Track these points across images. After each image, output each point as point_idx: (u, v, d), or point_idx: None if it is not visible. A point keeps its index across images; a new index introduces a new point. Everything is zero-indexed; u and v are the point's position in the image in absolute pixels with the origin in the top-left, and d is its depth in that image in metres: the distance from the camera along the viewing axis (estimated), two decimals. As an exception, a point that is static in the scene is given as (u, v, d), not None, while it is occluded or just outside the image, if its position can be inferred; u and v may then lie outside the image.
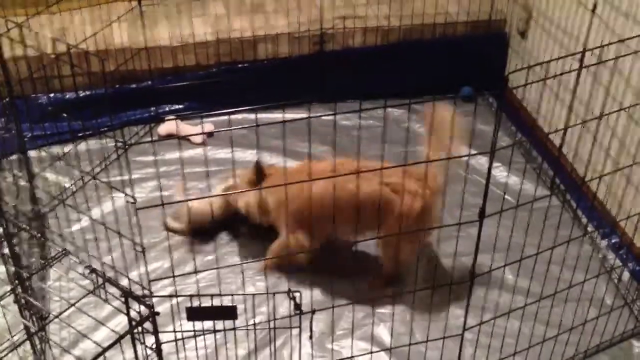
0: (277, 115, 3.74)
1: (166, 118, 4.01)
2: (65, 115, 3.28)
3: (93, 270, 2.23)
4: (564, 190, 3.52)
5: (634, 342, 2.87)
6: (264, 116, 3.92)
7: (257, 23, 4.10)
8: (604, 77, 3.12)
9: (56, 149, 3.19)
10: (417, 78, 4.14)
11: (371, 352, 2.51)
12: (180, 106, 4.11)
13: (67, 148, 3.40)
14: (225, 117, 3.94)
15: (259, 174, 3.05)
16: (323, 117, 3.94)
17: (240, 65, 4.09)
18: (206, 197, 3.17)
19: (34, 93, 3.42)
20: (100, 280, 2.20)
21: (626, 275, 3.10)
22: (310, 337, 2.78)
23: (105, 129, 3.71)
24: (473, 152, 2.36)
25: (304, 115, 2.08)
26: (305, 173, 2.73)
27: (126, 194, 1.92)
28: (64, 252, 2.38)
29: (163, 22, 4.07)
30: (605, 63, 2.85)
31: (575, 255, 2.60)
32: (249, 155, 3.75)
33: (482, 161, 3.70)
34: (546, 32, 3.63)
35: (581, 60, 2.72)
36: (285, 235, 3.03)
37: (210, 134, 3.98)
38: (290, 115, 2.54)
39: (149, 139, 3.84)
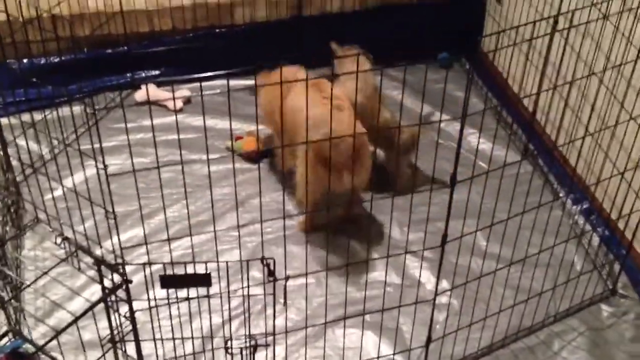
0: (252, 82, 3.72)
1: (144, 85, 3.98)
2: (35, 80, 3.22)
3: (65, 239, 2.24)
4: (536, 155, 3.55)
5: (602, 306, 2.92)
6: (239, 82, 3.90)
7: (233, -13, 4.06)
8: (576, 42, 3.13)
9: (29, 117, 3.16)
10: (395, 44, 4.11)
11: (344, 318, 2.55)
12: (157, 72, 4.08)
13: (41, 115, 3.37)
14: (205, 84, 3.91)
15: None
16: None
17: (217, 30, 4.06)
18: None
19: (6, 59, 3.38)
20: (73, 249, 2.21)
21: (596, 240, 3.15)
22: (284, 304, 2.84)
23: (81, 95, 3.68)
24: (446, 117, 2.37)
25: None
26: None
27: (97, 161, 1.91)
28: (35, 220, 2.38)
29: (138, -15, 4.01)
30: (578, 28, 2.86)
31: (546, 221, 2.63)
32: (227, 123, 3.73)
33: (458, 128, 3.71)
34: (522, -3, 3.62)
35: (554, 25, 2.74)
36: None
37: (187, 101, 3.96)
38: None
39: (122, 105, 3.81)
